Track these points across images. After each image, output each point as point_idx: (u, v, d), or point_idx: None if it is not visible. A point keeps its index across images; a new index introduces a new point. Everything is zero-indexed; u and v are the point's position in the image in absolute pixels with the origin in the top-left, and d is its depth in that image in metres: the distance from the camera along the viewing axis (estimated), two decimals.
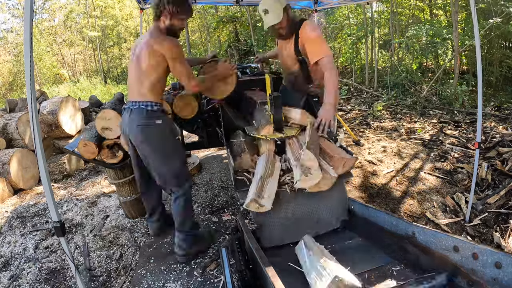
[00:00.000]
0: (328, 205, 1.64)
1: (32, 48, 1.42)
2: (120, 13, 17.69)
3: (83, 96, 10.70)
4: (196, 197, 3.28)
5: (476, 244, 1.06)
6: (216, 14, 13.22)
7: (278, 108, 1.83)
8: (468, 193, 2.97)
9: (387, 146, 4.33)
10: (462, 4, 7.21)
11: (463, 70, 7.74)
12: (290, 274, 1.30)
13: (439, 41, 6.70)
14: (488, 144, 4.08)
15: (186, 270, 2.23)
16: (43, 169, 1.52)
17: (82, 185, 3.87)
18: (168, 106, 2.54)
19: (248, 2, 5.44)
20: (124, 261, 2.42)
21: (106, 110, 2.38)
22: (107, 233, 2.76)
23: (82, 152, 2.41)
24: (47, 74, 15.00)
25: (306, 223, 1.59)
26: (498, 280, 0.99)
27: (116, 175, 2.68)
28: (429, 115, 5.80)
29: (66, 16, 16.75)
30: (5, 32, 15.64)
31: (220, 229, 2.70)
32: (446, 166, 3.64)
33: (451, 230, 2.60)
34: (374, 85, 8.32)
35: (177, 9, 1.92)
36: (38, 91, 5.39)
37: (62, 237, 1.66)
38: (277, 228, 1.57)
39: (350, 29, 9.24)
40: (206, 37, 15.50)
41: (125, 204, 2.86)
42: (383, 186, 3.27)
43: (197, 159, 4.15)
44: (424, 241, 1.24)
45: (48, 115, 4.13)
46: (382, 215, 1.46)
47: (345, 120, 5.83)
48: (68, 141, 4.17)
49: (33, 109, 1.47)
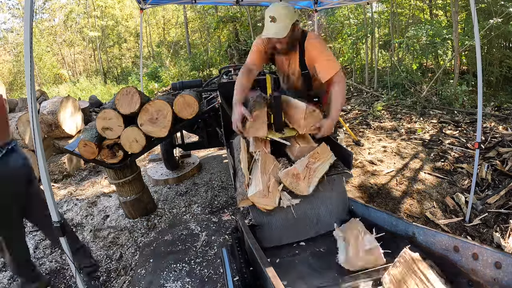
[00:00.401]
0: (328, 205, 1.64)
1: (32, 48, 1.42)
2: (120, 13, 17.70)
3: (83, 96, 10.70)
4: (196, 197, 3.28)
5: (476, 244, 1.06)
6: (216, 14, 13.23)
7: (278, 108, 1.83)
8: (468, 193, 2.97)
9: (387, 146, 4.33)
10: (462, 4, 7.21)
11: (463, 70, 7.73)
12: (290, 274, 1.30)
13: (439, 41, 6.70)
14: (488, 144, 4.08)
15: (186, 270, 2.23)
16: (43, 169, 1.52)
17: (82, 185, 3.87)
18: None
19: (248, 2, 5.45)
20: (124, 261, 2.42)
21: (106, 110, 2.38)
22: (107, 233, 2.76)
23: (82, 152, 2.41)
24: (47, 74, 15.01)
25: (306, 223, 1.59)
26: (498, 280, 0.99)
27: (116, 175, 2.68)
28: (429, 115, 5.80)
29: (66, 16, 16.76)
30: (5, 32, 15.64)
31: (220, 229, 2.70)
32: (446, 166, 3.64)
33: (451, 230, 2.60)
34: (374, 85, 8.31)
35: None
36: (38, 91, 5.39)
37: (62, 237, 1.66)
38: (277, 228, 1.57)
39: (350, 29, 9.24)
40: (206, 37, 15.50)
41: (125, 204, 2.86)
42: (383, 186, 3.27)
43: (197, 159, 4.15)
44: (424, 241, 1.24)
45: (48, 115, 4.13)
46: (382, 215, 1.46)
47: (345, 120, 5.83)
48: (68, 141, 4.17)
49: (33, 109, 1.47)
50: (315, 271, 1.32)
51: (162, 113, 2.46)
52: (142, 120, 2.42)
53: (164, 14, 17.95)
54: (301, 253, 1.47)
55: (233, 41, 11.34)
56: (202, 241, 2.56)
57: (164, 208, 3.11)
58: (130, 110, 2.38)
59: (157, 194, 3.42)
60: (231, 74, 3.19)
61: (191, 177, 3.78)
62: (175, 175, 3.72)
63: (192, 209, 3.06)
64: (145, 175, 3.84)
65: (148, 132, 2.46)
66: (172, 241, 2.59)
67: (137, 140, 2.45)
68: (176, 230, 2.74)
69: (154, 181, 3.71)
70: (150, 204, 3.04)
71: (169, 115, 2.48)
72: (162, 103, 2.45)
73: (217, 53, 12.42)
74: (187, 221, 2.87)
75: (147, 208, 3.00)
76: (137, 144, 2.46)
